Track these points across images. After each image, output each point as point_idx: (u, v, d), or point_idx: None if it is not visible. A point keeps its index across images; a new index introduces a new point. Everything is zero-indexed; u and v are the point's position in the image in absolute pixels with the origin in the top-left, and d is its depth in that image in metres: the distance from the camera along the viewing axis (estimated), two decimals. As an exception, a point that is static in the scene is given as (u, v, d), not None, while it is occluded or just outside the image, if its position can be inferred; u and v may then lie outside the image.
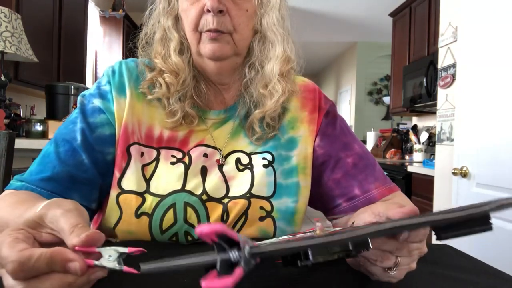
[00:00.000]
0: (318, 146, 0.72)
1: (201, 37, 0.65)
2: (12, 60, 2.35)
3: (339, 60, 7.40)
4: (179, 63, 0.67)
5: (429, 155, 3.20)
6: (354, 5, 4.75)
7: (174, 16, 0.69)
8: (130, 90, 0.68)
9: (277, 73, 0.68)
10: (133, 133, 0.66)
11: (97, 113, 0.66)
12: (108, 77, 0.69)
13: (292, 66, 0.71)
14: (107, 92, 0.67)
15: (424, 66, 3.00)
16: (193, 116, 0.68)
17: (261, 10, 0.67)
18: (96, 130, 0.65)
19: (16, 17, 2.20)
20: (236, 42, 0.65)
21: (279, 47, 0.68)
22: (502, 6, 1.60)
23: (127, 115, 0.66)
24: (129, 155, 0.65)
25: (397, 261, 0.43)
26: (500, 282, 0.51)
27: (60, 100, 2.51)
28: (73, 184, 0.62)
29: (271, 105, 0.68)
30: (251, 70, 0.70)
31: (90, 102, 0.67)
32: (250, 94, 0.70)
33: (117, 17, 4.43)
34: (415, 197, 2.72)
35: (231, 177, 0.67)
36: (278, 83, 0.68)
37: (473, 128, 1.75)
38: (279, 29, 0.68)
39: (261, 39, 0.69)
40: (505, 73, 1.58)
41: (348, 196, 0.70)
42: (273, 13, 0.68)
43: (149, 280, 0.46)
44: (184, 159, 0.67)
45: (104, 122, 0.66)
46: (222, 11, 0.62)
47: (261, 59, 0.69)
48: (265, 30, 0.68)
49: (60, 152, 0.63)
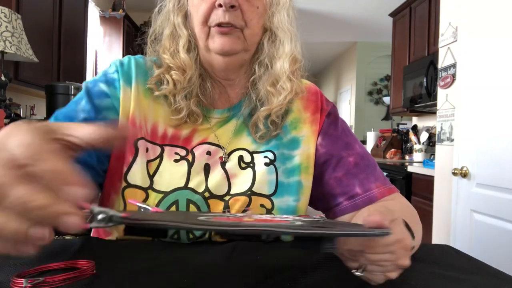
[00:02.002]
0: (320, 145, 0.73)
1: (210, 31, 0.65)
2: (12, 60, 2.35)
3: (339, 60, 7.40)
4: (187, 60, 0.68)
5: (429, 155, 3.21)
6: (354, 5, 4.76)
7: (184, 13, 0.70)
8: (136, 84, 0.68)
9: (287, 71, 0.69)
10: (141, 128, 0.67)
11: (103, 96, 0.66)
12: (116, 67, 0.69)
13: (299, 67, 0.72)
14: (115, 80, 0.68)
15: (424, 66, 3.00)
16: (198, 114, 0.69)
17: (272, 9, 0.68)
18: (101, 113, 0.65)
19: (16, 17, 2.20)
20: (246, 38, 0.66)
21: (288, 46, 0.69)
22: (502, 6, 1.60)
23: (133, 107, 0.66)
24: (136, 150, 0.65)
25: (361, 265, 0.44)
26: (500, 282, 0.51)
27: (60, 100, 2.51)
28: None
29: (278, 102, 0.69)
30: (260, 67, 0.71)
31: (96, 85, 0.67)
32: (257, 92, 0.71)
33: (117, 17, 4.44)
34: (415, 197, 2.72)
35: (233, 174, 0.68)
36: (287, 81, 0.69)
37: (473, 128, 1.75)
38: (290, 28, 0.70)
39: (271, 37, 0.70)
40: (505, 73, 1.58)
41: (349, 194, 0.70)
42: (283, 12, 0.69)
43: (149, 281, 0.46)
44: (187, 156, 0.67)
45: (109, 107, 0.66)
46: (234, 6, 0.63)
47: (271, 57, 0.70)
48: (275, 28, 0.69)
49: None
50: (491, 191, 1.64)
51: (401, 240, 0.43)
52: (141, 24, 5.09)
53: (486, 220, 1.67)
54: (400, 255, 0.43)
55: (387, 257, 0.43)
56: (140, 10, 4.96)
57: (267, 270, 0.49)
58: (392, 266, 0.43)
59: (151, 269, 0.49)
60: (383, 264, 0.43)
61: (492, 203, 1.63)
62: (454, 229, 1.87)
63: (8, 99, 2.41)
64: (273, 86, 0.69)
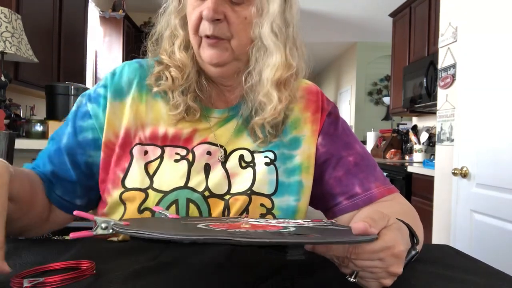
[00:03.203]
0: (320, 144, 0.73)
1: (201, 41, 0.65)
2: (12, 60, 2.35)
3: (339, 60, 7.41)
4: (183, 59, 0.68)
5: (429, 155, 3.21)
6: (354, 5, 4.76)
7: (183, 15, 0.69)
8: (131, 93, 0.69)
9: (273, 81, 0.66)
10: (135, 136, 0.68)
11: (87, 117, 0.69)
12: (106, 80, 0.71)
13: (294, 73, 0.68)
14: (100, 96, 0.69)
15: (424, 67, 3.00)
16: (195, 109, 0.69)
17: (260, 18, 0.65)
18: (80, 134, 0.68)
19: (16, 17, 2.20)
20: (234, 48, 0.65)
21: (277, 55, 0.66)
22: (502, 6, 1.60)
23: (128, 120, 0.68)
24: (131, 156, 0.67)
25: (353, 271, 0.44)
26: (500, 282, 0.51)
27: (60, 101, 2.51)
28: (57, 180, 0.67)
29: (270, 112, 0.67)
30: (251, 77, 0.69)
31: (85, 105, 0.70)
32: (251, 101, 0.70)
33: (117, 17, 4.44)
34: (415, 198, 2.72)
35: (233, 174, 0.68)
36: (274, 91, 0.67)
37: (473, 128, 1.75)
38: (279, 37, 0.66)
39: (258, 48, 0.67)
40: (505, 73, 1.58)
41: (349, 194, 0.70)
42: (273, 21, 0.65)
43: (149, 281, 0.46)
44: (187, 156, 0.68)
45: (89, 127, 0.68)
46: (218, 19, 0.62)
47: (260, 67, 0.67)
48: (262, 39, 0.66)
49: (50, 151, 0.69)
50: (491, 191, 1.64)
51: (390, 247, 0.42)
52: (141, 24, 5.09)
53: (486, 220, 1.67)
54: (391, 262, 0.43)
55: (377, 264, 0.42)
56: (140, 10, 4.97)
57: (267, 270, 0.49)
58: (383, 273, 0.43)
59: (151, 269, 0.49)
60: (373, 271, 0.43)
61: (492, 203, 1.62)
62: (454, 229, 1.87)
63: (8, 100, 2.41)
64: (265, 96, 0.67)
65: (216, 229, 0.43)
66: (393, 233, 0.44)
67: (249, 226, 0.46)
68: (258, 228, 0.45)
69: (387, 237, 0.43)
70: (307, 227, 0.49)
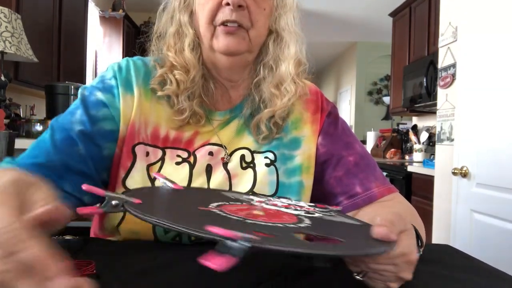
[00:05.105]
0: (321, 144, 0.73)
1: (215, 31, 0.65)
2: (12, 60, 2.35)
3: (339, 60, 7.40)
4: (191, 59, 0.67)
5: (429, 155, 3.20)
6: (354, 5, 4.75)
7: (190, 11, 0.69)
8: (138, 88, 0.67)
9: (292, 73, 0.69)
10: (139, 133, 0.66)
11: (100, 106, 0.65)
12: (114, 72, 0.68)
13: (303, 69, 0.72)
14: (113, 87, 0.66)
15: (424, 66, 2.99)
16: (200, 115, 0.68)
17: (278, 11, 0.69)
18: (97, 124, 0.64)
19: (16, 17, 2.19)
20: (251, 39, 0.66)
21: (293, 48, 0.69)
22: (502, 6, 1.60)
23: (135, 114, 0.66)
24: (134, 155, 0.65)
25: (363, 271, 0.44)
26: (500, 282, 0.51)
27: (60, 100, 2.51)
28: (66, 173, 0.60)
29: (282, 104, 0.68)
30: (264, 69, 0.71)
31: (93, 94, 0.65)
32: (260, 93, 0.71)
33: (117, 17, 4.43)
34: (415, 197, 2.72)
35: (234, 175, 0.68)
36: (291, 83, 0.69)
37: (473, 128, 1.75)
38: (295, 30, 0.70)
39: (276, 39, 0.70)
40: (505, 73, 1.58)
41: (349, 193, 0.70)
42: (290, 15, 0.69)
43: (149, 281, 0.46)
44: (189, 158, 0.67)
45: (106, 117, 0.64)
46: (241, 6, 0.63)
47: (276, 59, 0.70)
48: (281, 30, 0.69)
49: (56, 140, 0.61)
50: (491, 191, 1.64)
51: (407, 254, 0.42)
52: (141, 24, 5.09)
53: (486, 220, 1.67)
54: (403, 268, 0.43)
55: (390, 268, 0.42)
56: (140, 10, 4.96)
57: (267, 270, 0.49)
58: (393, 277, 0.43)
59: (152, 269, 0.49)
60: (384, 274, 0.43)
61: (492, 203, 1.62)
62: (454, 229, 1.87)
63: (8, 99, 2.41)
64: (277, 88, 0.69)
65: (234, 218, 0.41)
66: (410, 240, 0.44)
67: (263, 214, 0.45)
68: (273, 218, 0.44)
69: (404, 243, 0.42)
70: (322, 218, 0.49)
